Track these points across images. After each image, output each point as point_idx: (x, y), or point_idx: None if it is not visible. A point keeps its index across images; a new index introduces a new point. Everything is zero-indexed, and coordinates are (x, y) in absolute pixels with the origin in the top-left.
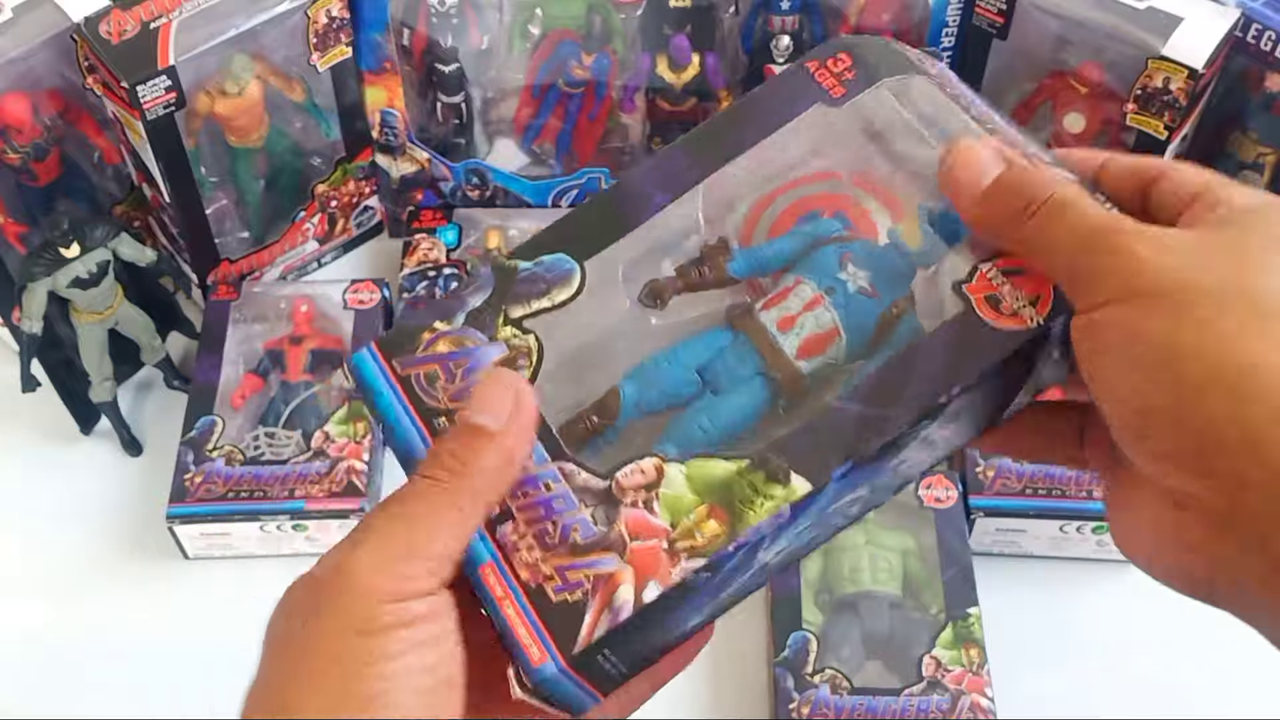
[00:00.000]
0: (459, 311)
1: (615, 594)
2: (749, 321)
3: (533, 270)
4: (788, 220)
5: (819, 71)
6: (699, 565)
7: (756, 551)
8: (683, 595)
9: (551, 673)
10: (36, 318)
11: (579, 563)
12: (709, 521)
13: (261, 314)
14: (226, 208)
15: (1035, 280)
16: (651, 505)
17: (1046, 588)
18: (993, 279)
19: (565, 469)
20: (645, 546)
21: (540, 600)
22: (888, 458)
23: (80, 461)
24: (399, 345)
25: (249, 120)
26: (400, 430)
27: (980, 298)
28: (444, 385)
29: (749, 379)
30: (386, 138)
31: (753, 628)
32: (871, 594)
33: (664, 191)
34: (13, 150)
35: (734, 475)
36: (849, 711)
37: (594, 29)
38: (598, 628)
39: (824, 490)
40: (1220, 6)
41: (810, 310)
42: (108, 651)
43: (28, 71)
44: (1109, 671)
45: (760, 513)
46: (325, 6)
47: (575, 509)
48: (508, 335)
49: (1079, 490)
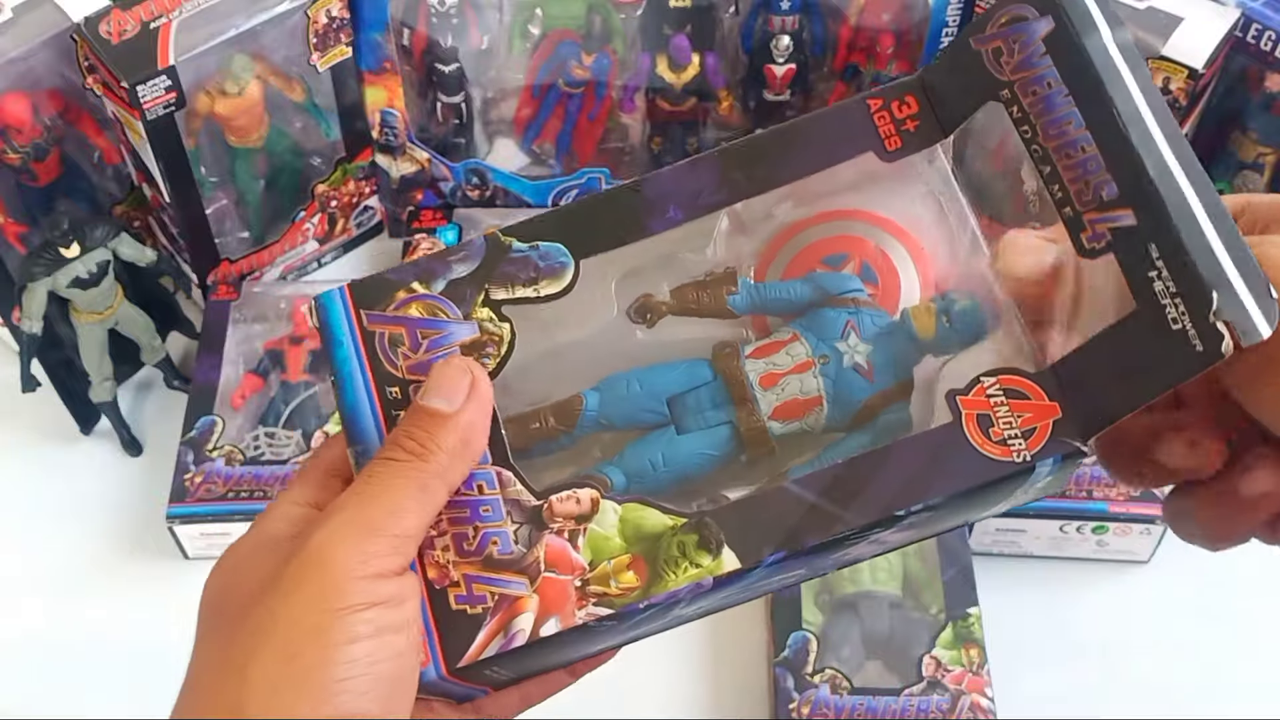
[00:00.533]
0: (441, 277)
1: (514, 620)
2: (732, 366)
3: (526, 254)
4: (810, 257)
5: (879, 114)
6: (605, 614)
7: (669, 610)
8: (581, 636)
9: (431, 678)
10: (36, 318)
11: (488, 577)
12: (627, 572)
13: (261, 314)
14: (226, 208)
15: (1036, 409)
16: (576, 539)
17: (1046, 588)
18: (991, 396)
19: (503, 476)
20: (557, 580)
21: (440, 604)
22: (829, 551)
23: (80, 461)
24: (372, 297)
25: (249, 120)
26: (351, 389)
27: (971, 414)
28: (405, 352)
29: (715, 426)
30: (386, 138)
31: (753, 628)
32: (871, 594)
33: (682, 209)
34: (13, 150)
35: (666, 530)
36: (849, 711)
37: (594, 29)
38: (488, 648)
39: (752, 571)
40: (1220, 6)
41: (798, 373)
42: (108, 651)
43: (28, 71)
44: (1109, 671)
45: (681, 578)
46: (325, 6)
47: (500, 521)
48: (483, 317)
49: (1079, 490)
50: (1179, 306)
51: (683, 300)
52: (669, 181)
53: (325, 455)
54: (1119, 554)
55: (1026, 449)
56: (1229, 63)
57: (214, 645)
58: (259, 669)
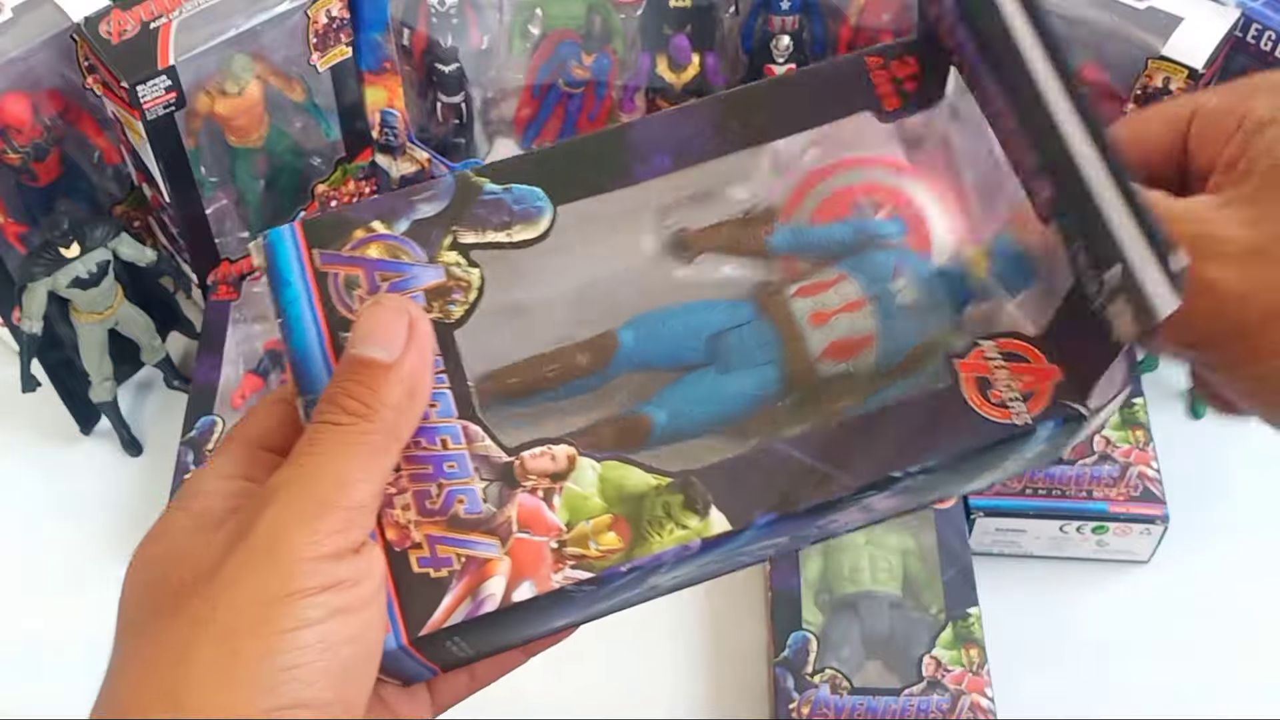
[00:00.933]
0: (404, 216)
1: (484, 584)
2: (778, 303)
3: (499, 196)
4: (840, 203)
5: (877, 73)
6: (584, 578)
7: (651, 575)
8: (556, 602)
9: (390, 648)
10: (36, 318)
11: (455, 538)
12: (609, 533)
13: (261, 314)
14: (226, 208)
15: (1036, 373)
16: (552, 498)
17: (1046, 588)
18: (989, 359)
19: (469, 430)
20: (531, 541)
21: (400, 566)
22: (819, 516)
23: (80, 461)
24: (326, 236)
25: (249, 120)
26: (300, 333)
27: (970, 378)
28: (362, 295)
29: (761, 365)
30: (386, 138)
31: (753, 628)
32: (871, 594)
33: (672, 156)
34: (13, 150)
35: (650, 490)
36: (849, 711)
37: (594, 29)
38: (454, 614)
39: (742, 533)
40: (1220, 6)
41: (848, 312)
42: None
43: (28, 71)
44: (1109, 671)
45: (667, 540)
46: (325, 6)
47: (467, 478)
48: (450, 261)
49: (1079, 490)
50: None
51: (720, 237)
52: (659, 127)
53: (249, 427)
54: (1119, 554)
55: (1027, 411)
56: (1229, 63)
57: (144, 638)
58: (198, 661)
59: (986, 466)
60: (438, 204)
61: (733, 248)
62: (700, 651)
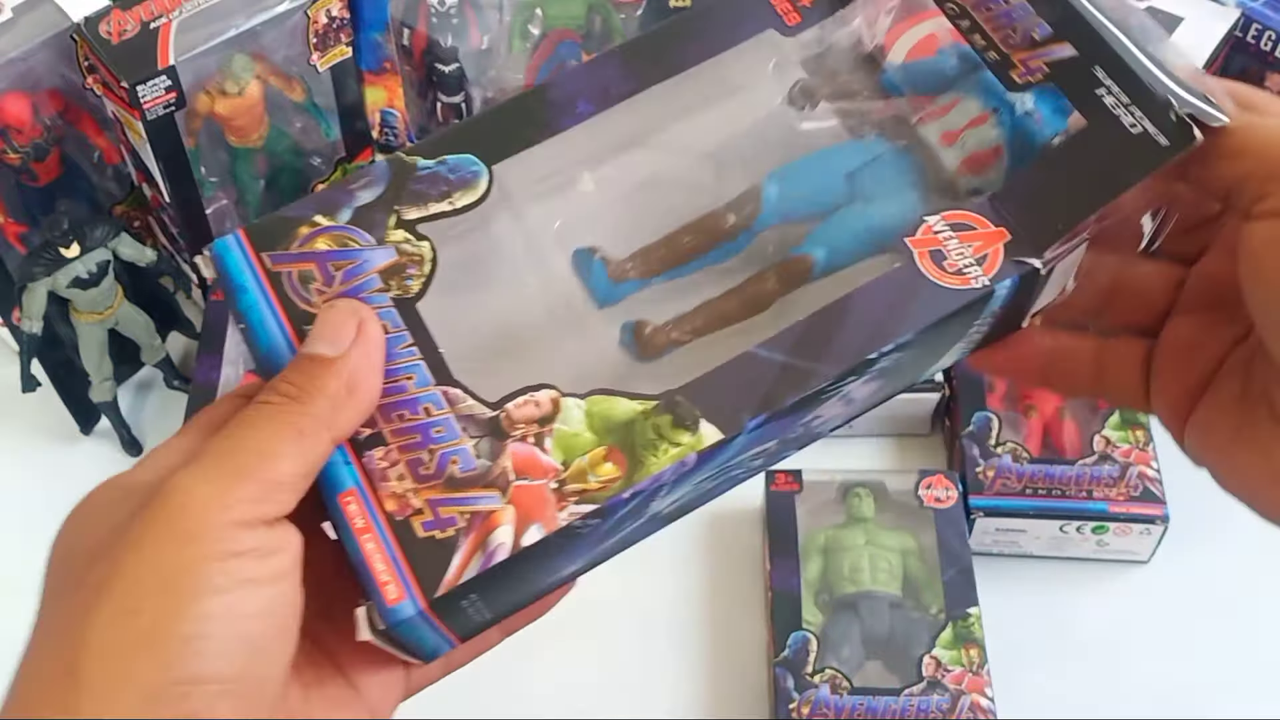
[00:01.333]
0: (345, 206)
1: (492, 534)
2: (908, 131)
3: (434, 170)
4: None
5: None
6: (589, 510)
7: (652, 500)
8: (566, 541)
9: (408, 614)
10: (36, 318)
11: (455, 498)
12: (605, 464)
13: None
14: (226, 208)
15: (985, 237)
16: (543, 442)
17: (1046, 588)
18: (939, 233)
19: (450, 394)
20: (531, 486)
21: (405, 534)
22: (803, 412)
23: (80, 461)
24: (271, 238)
25: (249, 120)
26: (264, 334)
27: (924, 252)
28: (320, 288)
29: (904, 189)
30: (386, 138)
31: (753, 628)
32: (871, 594)
33: (591, 102)
34: (13, 150)
35: (638, 415)
36: (849, 711)
37: (594, 29)
38: (467, 569)
39: (734, 440)
40: (1220, 6)
41: (975, 126)
42: None
43: (28, 71)
44: (1109, 671)
45: (663, 459)
46: (325, 6)
47: (456, 439)
48: (399, 239)
49: (1079, 490)
50: (1134, 113)
51: (839, 83)
52: (573, 80)
53: (210, 415)
54: (1119, 554)
55: (983, 274)
56: (1229, 63)
57: (53, 606)
58: (97, 628)
59: (955, 336)
60: (375, 189)
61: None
62: (700, 651)
